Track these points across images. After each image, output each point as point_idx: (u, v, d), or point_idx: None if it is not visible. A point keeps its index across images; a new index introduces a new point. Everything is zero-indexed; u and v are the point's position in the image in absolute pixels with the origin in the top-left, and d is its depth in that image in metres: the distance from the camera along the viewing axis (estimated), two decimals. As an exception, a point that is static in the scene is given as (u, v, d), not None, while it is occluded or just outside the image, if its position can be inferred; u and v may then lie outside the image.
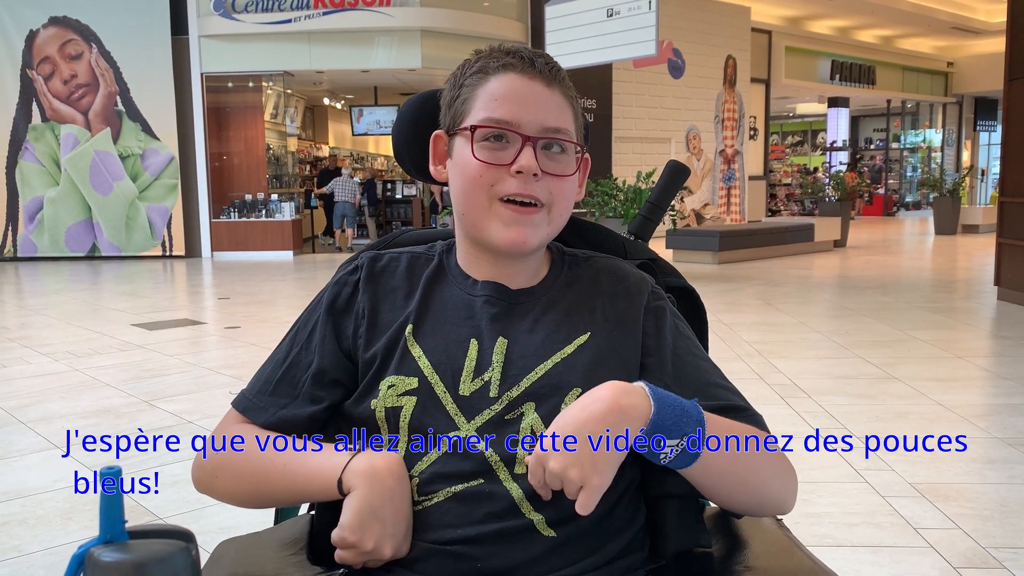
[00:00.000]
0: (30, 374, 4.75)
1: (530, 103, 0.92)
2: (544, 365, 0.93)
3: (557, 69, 0.95)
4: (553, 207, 0.94)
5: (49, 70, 12.25)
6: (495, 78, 0.93)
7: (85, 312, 7.33)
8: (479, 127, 0.92)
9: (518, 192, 0.92)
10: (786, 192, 22.23)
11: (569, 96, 0.97)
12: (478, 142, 0.92)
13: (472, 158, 0.92)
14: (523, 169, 0.90)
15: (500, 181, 0.92)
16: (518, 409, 0.91)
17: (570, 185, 0.96)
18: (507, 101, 0.92)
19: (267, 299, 8.05)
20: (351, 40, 12.11)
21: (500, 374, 0.92)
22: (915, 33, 19.79)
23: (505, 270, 0.98)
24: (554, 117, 0.93)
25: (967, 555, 2.28)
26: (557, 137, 0.93)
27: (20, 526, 2.59)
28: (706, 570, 0.93)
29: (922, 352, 4.98)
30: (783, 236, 11.72)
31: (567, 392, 0.91)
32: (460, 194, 0.95)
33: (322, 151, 17.76)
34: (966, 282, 8.55)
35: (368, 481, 0.85)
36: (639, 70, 14.74)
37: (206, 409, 3.91)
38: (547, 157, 0.93)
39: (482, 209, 0.93)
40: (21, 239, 12.43)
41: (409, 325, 0.96)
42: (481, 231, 0.94)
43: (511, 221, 0.92)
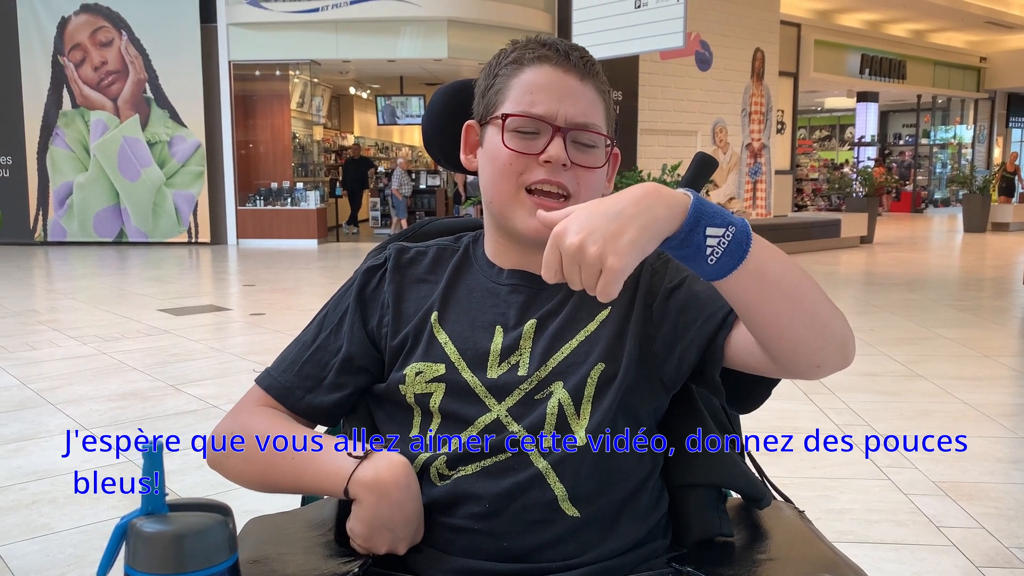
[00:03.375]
0: (59, 357, 4.83)
1: (563, 96, 0.93)
2: (570, 344, 0.94)
3: (592, 63, 0.96)
4: (580, 198, 0.94)
5: (80, 57, 12.38)
6: (530, 69, 0.94)
7: (113, 297, 7.43)
8: (511, 115, 0.93)
9: (545, 180, 0.92)
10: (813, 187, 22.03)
11: (602, 91, 0.97)
12: (509, 131, 0.93)
13: (503, 146, 0.94)
14: (552, 159, 0.91)
15: (528, 170, 0.93)
16: (547, 388, 0.92)
17: (598, 178, 0.96)
18: (540, 92, 0.93)
19: (292, 287, 8.12)
20: (378, 29, 12.13)
21: (530, 355, 0.94)
22: (948, 27, 19.50)
23: (532, 259, 0.99)
24: (585, 111, 0.94)
25: (990, 554, 2.26)
26: (589, 130, 0.94)
27: (49, 505, 2.64)
28: (728, 559, 0.94)
29: (948, 350, 4.93)
30: (809, 231, 11.63)
31: (591, 368, 0.93)
32: (489, 182, 0.96)
33: (347, 140, 17.83)
34: (994, 280, 8.44)
35: (375, 495, 0.86)
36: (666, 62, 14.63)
37: (231, 394, 3.96)
38: (576, 149, 0.94)
39: (509, 197, 0.94)
40: (51, 224, 12.59)
41: (435, 312, 0.97)
42: (507, 219, 0.95)
43: (535, 212, 0.92)
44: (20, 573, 2.21)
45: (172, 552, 0.56)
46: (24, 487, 2.80)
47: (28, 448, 3.20)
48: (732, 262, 0.74)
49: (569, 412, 0.91)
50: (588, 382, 0.92)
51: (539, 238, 0.93)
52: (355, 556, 0.91)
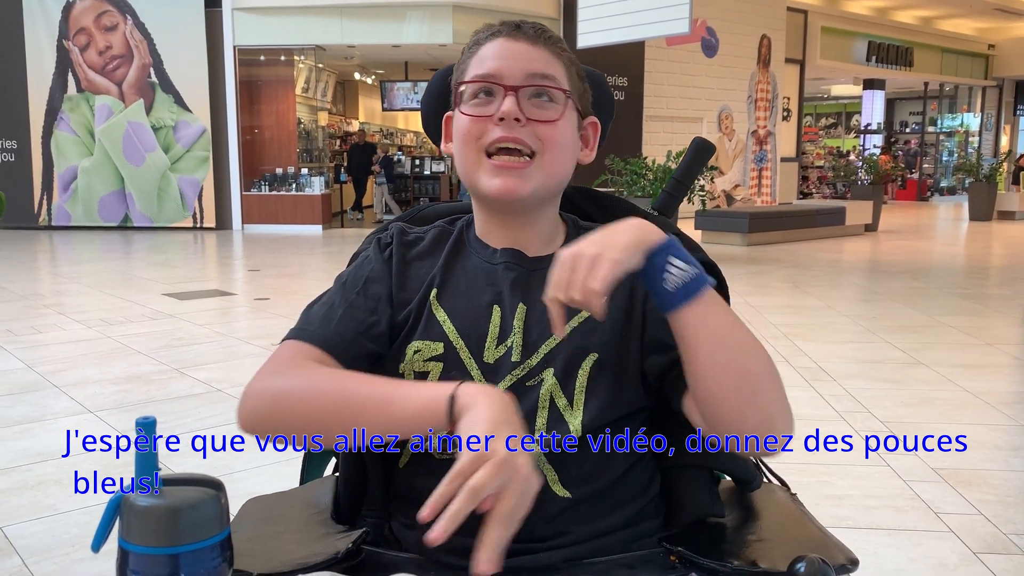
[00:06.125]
0: (64, 340, 4.86)
1: (514, 57, 0.95)
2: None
3: (545, 31, 0.98)
4: (545, 154, 0.94)
5: (85, 41, 12.37)
6: (484, 45, 0.97)
7: (117, 281, 7.45)
8: (465, 82, 0.96)
9: (501, 137, 0.93)
10: (818, 175, 21.97)
11: (558, 53, 0.98)
12: (467, 102, 0.96)
13: (461, 115, 0.96)
14: (504, 115, 0.92)
15: (486, 133, 0.94)
16: (538, 376, 0.93)
17: (561, 132, 0.96)
18: (491, 59, 0.95)
19: (296, 272, 8.14)
20: (383, 15, 12.10)
21: (521, 340, 0.94)
22: (956, 14, 19.38)
23: (519, 234, 1.00)
24: (538, 67, 0.95)
25: (987, 540, 2.27)
26: (542, 84, 0.94)
27: (55, 486, 2.67)
28: (718, 539, 0.95)
29: (951, 338, 4.93)
30: (814, 219, 11.60)
31: (583, 358, 0.93)
32: (457, 156, 0.98)
33: (352, 126, 17.81)
34: (999, 268, 8.43)
35: (485, 395, 0.78)
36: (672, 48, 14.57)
37: (235, 378, 3.98)
38: (533, 105, 0.95)
39: (473, 163, 0.96)
40: (56, 208, 12.62)
41: (434, 289, 0.98)
42: (474, 185, 0.97)
43: (496, 172, 0.94)
44: (25, 553, 2.23)
45: (165, 526, 0.57)
46: (29, 468, 2.83)
47: (33, 430, 3.23)
48: (687, 291, 0.81)
49: (562, 404, 0.91)
50: (580, 372, 0.92)
51: (504, 197, 0.94)
52: (350, 532, 0.92)
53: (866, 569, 2.14)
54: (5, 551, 2.25)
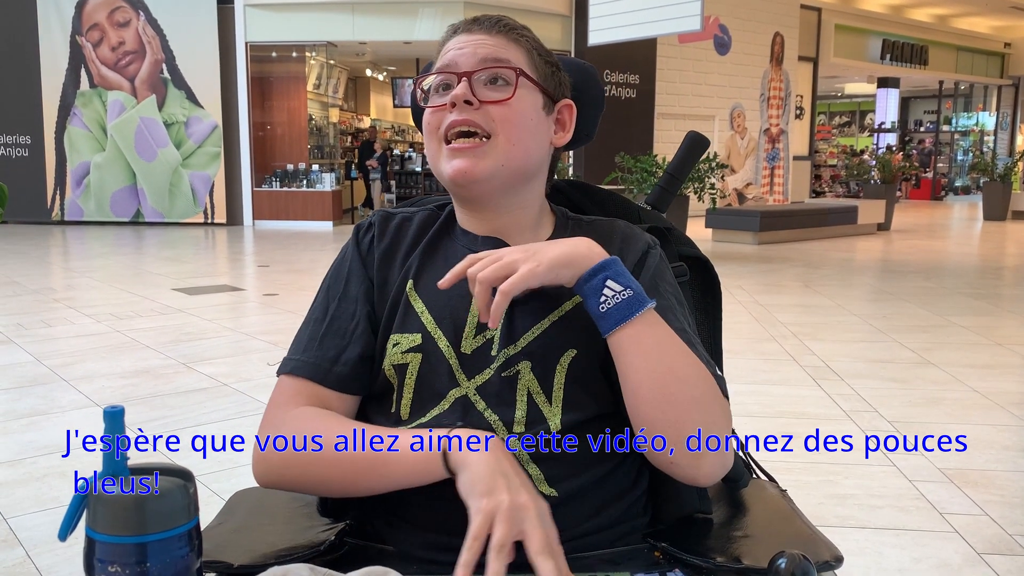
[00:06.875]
0: (74, 334, 4.88)
1: (468, 47, 0.97)
2: (541, 324, 0.93)
3: (503, 20, 0.99)
4: (500, 135, 0.94)
5: (98, 37, 12.43)
6: (447, 43, 1.00)
7: (128, 276, 7.49)
8: (425, 78, 0.99)
9: (455, 121, 0.94)
10: (831, 173, 21.85)
11: (516, 39, 0.99)
12: (430, 97, 0.98)
13: (427, 111, 0.98)
14: (455, 99, 0.94)
15: (443, 121, 0.95)
16: (515, 367, 0.91)
17: (516, 113, 0.95)
18: (450, 52, 0.98)
19: (306, 268, 8.16)
20: (394, 11, 12.11)
21: (500, 331, 0.93)
22: (971, 12, 19.23)
23: (495, 223, 1.00)
24: (491, 52, 0.96)
25: (992, 541, 2.26)
26: (494, 66, 0.95)
27: (60, 479, 2.68)
28: (704, 535, 0.94)
29: (961, 338, 4.90)
30: (825, 218, 11.54)
31: (562, 353, 0.92)
32: (426, 150, 1.00)
33: (363, 123, 17.83)
34: (1012, 269, 8.36)
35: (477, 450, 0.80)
36: (684, 46, 14.52)
37: (242, 373, 4.00)
38: (488, 89, 0.95)
39: (435, 153, 0.97)
40: (68, 203, 12.69)
41: (410, 280, 0.97)
42: (439, 174, 0.98)
43: (453, 155, 0.95)
44: (29, 544, 2.25)
45: (132, 514, 0.57)
46: (35, 461, 2.84)
47: (40, 423, 3.24)
48: (620, 313, 0.84)
49: (540, 400, 0.90)
50: (559, 368, 0.91)
51: (461, 179, 0.95)
52: (334, 524, 0.92)
53: (869, 569, 2.13)
54: (9, 542, 2.26)
